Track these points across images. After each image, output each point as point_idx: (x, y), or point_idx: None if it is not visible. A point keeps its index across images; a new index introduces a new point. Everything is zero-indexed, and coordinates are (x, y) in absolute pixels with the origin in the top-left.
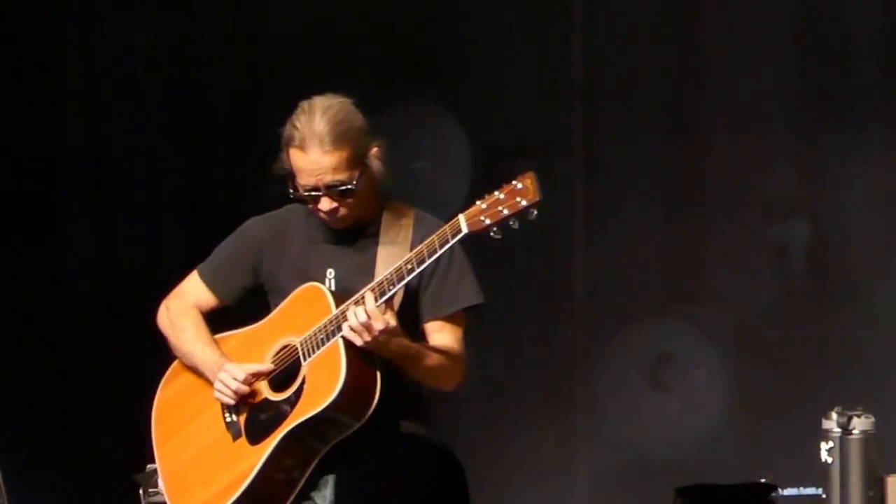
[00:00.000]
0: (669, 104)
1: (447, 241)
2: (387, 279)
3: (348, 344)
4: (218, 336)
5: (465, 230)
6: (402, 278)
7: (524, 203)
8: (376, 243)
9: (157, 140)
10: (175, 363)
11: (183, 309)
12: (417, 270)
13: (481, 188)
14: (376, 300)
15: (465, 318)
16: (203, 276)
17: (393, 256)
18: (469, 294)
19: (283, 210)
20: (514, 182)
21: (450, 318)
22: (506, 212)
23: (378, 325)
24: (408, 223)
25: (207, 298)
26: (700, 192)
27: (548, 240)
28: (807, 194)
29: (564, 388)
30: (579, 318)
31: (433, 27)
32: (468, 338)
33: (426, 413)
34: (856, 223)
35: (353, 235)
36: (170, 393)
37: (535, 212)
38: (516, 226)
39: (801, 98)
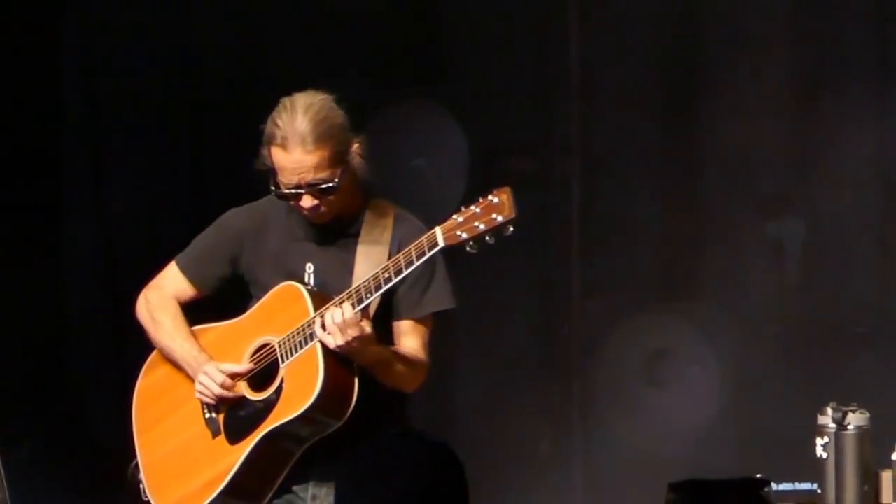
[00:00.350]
0: (666, 102)
1: (424, 254)
2: (364, 287)
3: (326, 348)
4: (196, 328)
5: (441, 243)
6: (380, 287)
7: (500, 219)
8: (356, 241)
9: (156, 136)
10: (155, 352)
11: (161, 301)
12: (395, 280)
13: (479, 186)
14: (353, 307)
15: (433, 321)
16: (181, 267)
17: (373, 255)
18: (441, 299)
19: (263, 201)
20: (490, 197)
21: (420, 321)
22: (482, 227)
23: (353, 333)
24: (388, 222)
25: (185, 289)
26: (696, 189)
27: (545, 237)
28: (803, 191)
29: (561, 384)
30: (576, 314)
31: (431, 25)
32: (465, 335)
33: (403, 408)
34: (851, 220)
35: (334, 231)
36: (150, 382)
37: (512, 228)
38: (492, 241)
39: (799, 97)
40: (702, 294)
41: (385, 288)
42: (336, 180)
